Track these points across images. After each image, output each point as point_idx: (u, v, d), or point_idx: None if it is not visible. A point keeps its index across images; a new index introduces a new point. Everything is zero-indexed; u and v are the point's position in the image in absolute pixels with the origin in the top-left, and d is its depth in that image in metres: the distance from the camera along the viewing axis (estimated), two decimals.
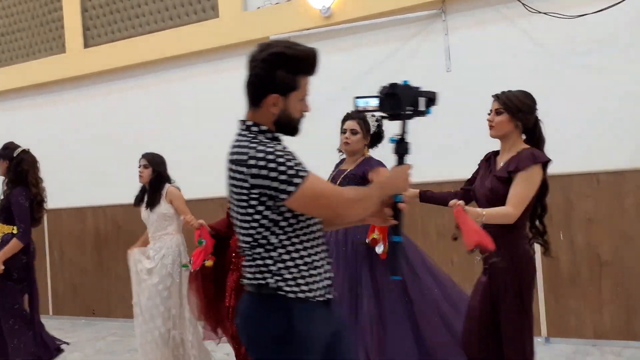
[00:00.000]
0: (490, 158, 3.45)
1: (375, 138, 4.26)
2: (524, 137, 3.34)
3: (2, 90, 8.61)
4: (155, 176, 5.10)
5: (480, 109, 5.51)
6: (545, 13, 5.36)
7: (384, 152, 4.06)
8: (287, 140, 2.43)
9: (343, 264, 3.92)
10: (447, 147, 5.75)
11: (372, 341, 3.75)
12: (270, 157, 2.19)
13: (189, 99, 7.20)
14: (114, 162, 7.32)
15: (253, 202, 2.21)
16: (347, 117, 4.18)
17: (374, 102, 2.50)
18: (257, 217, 2.23)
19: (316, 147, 4.52)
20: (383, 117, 2.70)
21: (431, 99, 2.52)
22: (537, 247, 5.19)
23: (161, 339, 4.94)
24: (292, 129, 2.42)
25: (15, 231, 5.18)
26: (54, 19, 8.26)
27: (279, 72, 2.29)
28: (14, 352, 5.32)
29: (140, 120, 7.50)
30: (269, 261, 2.24)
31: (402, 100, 2.43)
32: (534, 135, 3.30)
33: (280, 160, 2.19)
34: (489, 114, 3.35)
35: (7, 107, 8.76)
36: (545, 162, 3.16)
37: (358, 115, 4.09)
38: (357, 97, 2.54)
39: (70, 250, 8.10)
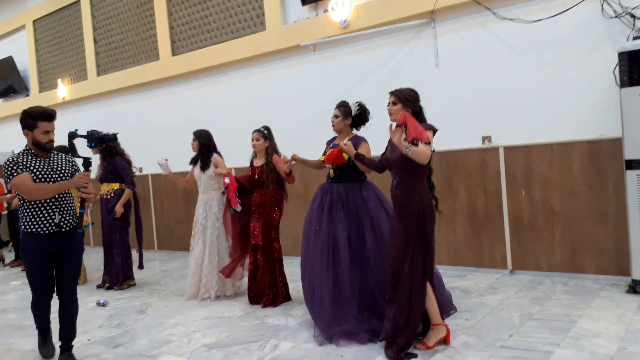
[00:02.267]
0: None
1: (359, 119, 4.20)
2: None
3: (115, 89, 8.92)
4: (202, 146, 5.28)
5: (463, 95, 5.50)
6: (510, 19, 5.25)
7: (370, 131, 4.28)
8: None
9: (349, 211, 3.95)
10: (443, 122, 5.71)
11: (375, 264, 3.84)
12: (6, 163, 3.48)
13: (245, 92, 7.35)
14: (178, 137, 7.54)
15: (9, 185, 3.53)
16: (335, 107, 4.21)
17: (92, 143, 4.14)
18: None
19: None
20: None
21: (104, 138, 4.31)
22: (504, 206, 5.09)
23: (210, 265, 5.16)
24: (42, 148, 3.53)
25: (123, 186, 5.83)
26: (150, 35, 8.45)
27: (26, 119, 3.49)
28: (120, 271, 5.94)
29: (212, 109, 7.71)
30: (20, 214, 3.56)
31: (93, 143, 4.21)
32: (419, 118, 3.51)
33: (8, 165, 3.47)
34: (388, 106, 3.55)
35: (119, 102, 9.07)
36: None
37: (340, 104, 4.20)
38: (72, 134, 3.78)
39: (167, 203, 8.41)
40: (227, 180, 4.92)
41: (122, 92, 8.93)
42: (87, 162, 3.57)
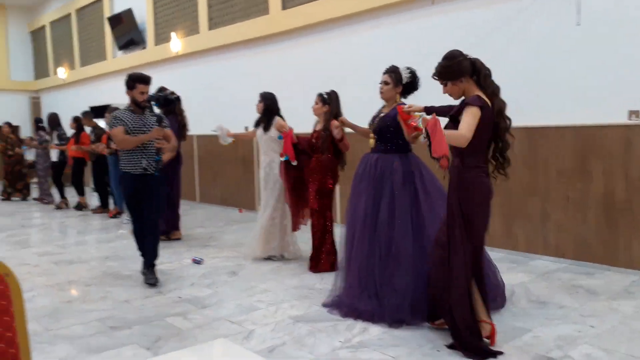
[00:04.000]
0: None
1: (409, 87, 4.04)
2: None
3: (225, 44, 9.04)
4: (265, 108, 5.41)
5: (609, 60, 4.80)
6: None
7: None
8: None
9: (372, 182, 3.90)
10: (579, 92, 5.07)
11: (384, 238, 3.75)
12: (110, 117, 4.73)
13: (355, 49, 7.08)
14: (300, 97, 7.25)
15: None
16: (383, 72, 4.06)
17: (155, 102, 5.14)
18: None
19: None
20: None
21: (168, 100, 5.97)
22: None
23: (272, 225, 5.39)
24: (137, 105, 4.55)
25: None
26: None
27: (129, 81, 4.51)
28: (166, 221, 6.35)
29: (322, 66, 7.53)
30: (120, 159, 4.63)
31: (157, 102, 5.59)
32: (476, 74, 3.15)
33: (111, 119, 4.58)
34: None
35: (228, 57, 9.20)
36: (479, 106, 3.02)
37: (390, 69, 4.03)
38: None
39: None
40: (281, 137, 5.21)
41: (231, 47, 9.02)
42: (159, 119, 4.59)
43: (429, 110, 3.60)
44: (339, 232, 5.59)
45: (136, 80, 4.48)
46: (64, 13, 14.59)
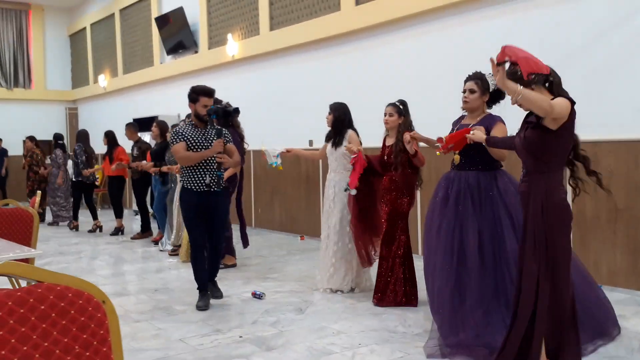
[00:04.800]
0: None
1: (496, 96, 4.21)
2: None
3: (289, 46, 9.29)
4: (335, 120, 5.64)
5: None
6: None
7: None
8: None
9: (478, 205, 4.00)
10: None
11: (513, 266, 3.78)
12: (171, 132, 5.59)
13: (442, 49, 7.12)
14: (369, 106, 7.35)
15: None
16: (467, 79, 4.22)
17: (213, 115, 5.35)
18: None
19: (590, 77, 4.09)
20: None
21: (227, 112, 6.40)
22: None
23: (348, 253, 5.54)
24: (200, 119, 5.15)
25: None
26: None
27: (192, 94, 5.15)
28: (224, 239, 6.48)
29: (404, 67, 7.59)
30: (181, 174, 5.27)
31: (215, 115, 5.44)
32: (548, 81, 3.24)
33: (172, 134, 5.18)
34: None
35: (293, 61, 9.45)
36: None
37: (476, 75, 4.15)
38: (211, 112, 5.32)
39: None
40: (355, 157, 5.34)
41: (296, 49, 9.26)
42: (219, 132, 5.14)
43: (490, 142, 3.81)
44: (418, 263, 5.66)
45: (200, 93, 5.08)
46: (106, 14, 15.46)
